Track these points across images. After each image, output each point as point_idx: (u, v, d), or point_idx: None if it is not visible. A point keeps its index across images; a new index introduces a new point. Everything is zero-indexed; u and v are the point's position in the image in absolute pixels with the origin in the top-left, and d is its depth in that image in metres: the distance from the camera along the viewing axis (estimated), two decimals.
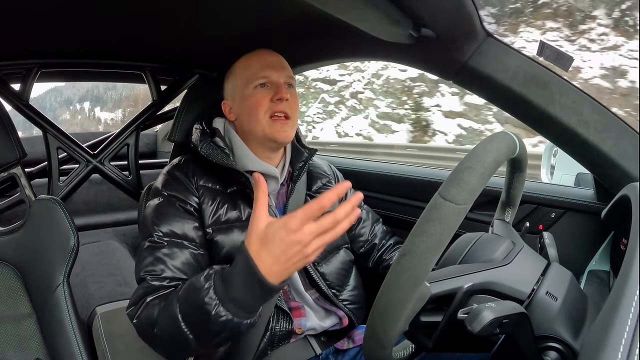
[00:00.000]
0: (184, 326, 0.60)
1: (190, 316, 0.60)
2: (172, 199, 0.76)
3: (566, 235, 0.82)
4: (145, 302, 0.67)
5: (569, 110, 0.68)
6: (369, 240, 0.93)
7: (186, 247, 0.72)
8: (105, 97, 51.24)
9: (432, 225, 0.42)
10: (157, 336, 0.64)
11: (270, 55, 0.82)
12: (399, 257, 0.44)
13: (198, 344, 0.61)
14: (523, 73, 0.69)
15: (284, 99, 0.77)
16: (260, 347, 0.75)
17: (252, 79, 0.79)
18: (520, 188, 0.65)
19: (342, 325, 0.83)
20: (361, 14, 0.62)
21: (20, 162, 0.96)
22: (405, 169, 1.21)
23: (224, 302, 0.57)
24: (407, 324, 0.48)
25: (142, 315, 0.66)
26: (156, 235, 0.72)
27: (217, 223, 0.76)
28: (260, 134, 0.79)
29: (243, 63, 0.83)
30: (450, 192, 0.42)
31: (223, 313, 0.56)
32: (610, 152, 0.67)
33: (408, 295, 0.43)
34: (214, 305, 0.57)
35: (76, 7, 0.79)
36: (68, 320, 0.81)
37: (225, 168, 0.77)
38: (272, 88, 0.79)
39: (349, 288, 0.86)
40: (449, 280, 0.49)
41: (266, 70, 0.79)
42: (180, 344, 0.62)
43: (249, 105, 0.79)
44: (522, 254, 0.54)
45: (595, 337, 0.37)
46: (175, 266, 0.70)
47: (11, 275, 0.86)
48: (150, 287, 0.68)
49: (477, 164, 0.44)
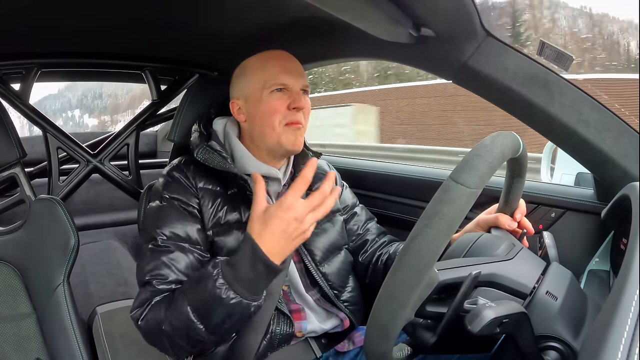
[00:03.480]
0: (194, 316, 0.63)
1: (199, 305, 0.63)
2: (174, 201, 0.75)
3: (566, 235, 0.82)
4: (150, 304, 0.68)
5: (568, 109, 0.68)
6: (361, 234, 0.92)
7: (190, 250, 0.73)
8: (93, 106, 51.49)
9: (444, 206, 0.42)
10: (166, 333, 0.65)
11: (289, 60, 0.79)
12: (409, 240, 0.44)
13: (208, 332, 0.64)
14: (523, 72, 0.69)
15: (300, 108, 0.76)
16: (260, 350, 0.75)
17: (269, 83, 0.76)
18: (518, 194, 0.65)
19: (343, 327, 0.83)
20: (361, 13, 0.62)
21: (20, 162, 0.96)
22: (405, 169, 1.20)
23: (233, 285, 0.61)
24: (414, 311, 0.48)
25: (148, 316, 0.67)
26: (160, 239, 0.72)
27: (217, 225, 0.76)
28: (273, 141, 0.77)
29: (259, 64, 0.79)
30: (462, 175, 0.43)
31: (232, 295, 0.61)
32: (610, 151, 0.67)
33: (418, 278, 0.43)
34: (224, 289, 0.61)
35: (76, 7, 0.79)
36: (68, 320, 0.81)
37: (224, 171, 0.76)
38: (289, 95, 0.77)
39: (349, 289, 0.86)
40: (456, 269, 0.50)
41: (285, 76, 0.77)
42: (189, 336, 0.65)
43: (264, 110, 0.77)
44: (523, 253, 0.55)
45: (595, 336, 0.37)
46: (180, 270, 0.71)
47: (11, 275, 0.86)
48: (157, 290, 0.69)
49: (486, 153, 0.45)
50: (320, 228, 0.85)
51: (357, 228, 0.92)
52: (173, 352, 0.69)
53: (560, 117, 0.68)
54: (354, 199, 0.97)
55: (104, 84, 43.15)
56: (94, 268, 1.49)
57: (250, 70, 0.80)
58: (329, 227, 0.87)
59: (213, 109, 0.90)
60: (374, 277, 0.88)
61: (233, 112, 0.82)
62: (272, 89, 0.76)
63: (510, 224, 0.66)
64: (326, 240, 0.85)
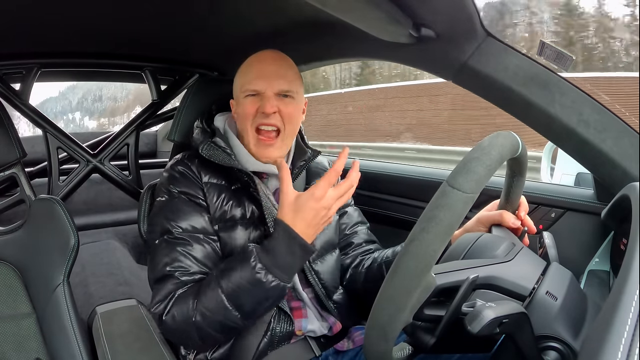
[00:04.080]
0: (229, 304, 0.65)
1: (235, 291, 0.65)
2: (182, 195, 0.76)
3: (566, 235, 0.82)
4: (174, 297, 0.69)
5: (568, 110, 0.68)
6: (347, 235, 0.91)
7: (205, 241, 0.74)
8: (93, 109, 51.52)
9: (440, 211, 0.42)
10: (197, 324, 0.66)
11: (269, 63, 0.79)
12: (407, 243, 0.44)
13: (242, 317, 0.67)
14: (523, 73, 0.69)
15: (267, 113, 0.76)
16: (260, 348, 0.75)
17: (243, 88, 0.78)
18: (519, 193, 0.65)
19: (333, 332, 0.83)
20: (361, 13, 0.62)
21: (20, 162, 0.96)
22: (405, 169, 1.21)
23: (271, 269, 0.65)
24: (412, 314, 0.48)
25: (174, 310, 0.68)
26: (175, 231, 0.73)
27: (221, 220, 0.77)
28: (248, 145, 0.79)
29: (243, 67, 0.81)
30: (458, 180, 0.43)
31: (272, 279, 0.65)
32: (610, 151, 0.67)
33: (415, 282, 0.43)
34: (263, 274, 0.64)
35: (76, 7, 0.79)
36: (68, 320, 0.81)
37: (228, 166, 0.77)
38: (260, 100, 0.77)
39: (339, 291, 0.86)
40: (453, 273, 0.50)
41: (258, 81, 0.77)
42: (223, 325, 0.67)
43: (240, 112, 0.79)
44: (523, 253, 0.55)
45: (595, 337, 0.37)
46: (200, 260, 0.73)
47: (11, 274, 0.86)
48: (180, 282, 0.70)
49: (483, 155, 0.45)
50: None
51: (344, 228, 0.92)
52: (202, 343, 0.70)
53: (561, 117, 0.68)
54: (350, 199, 0.97)
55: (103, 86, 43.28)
56: (94, 268, 1.49)
57: (238, 72, 0.82)
58: None
59: (214, 105, 0.91)
60: (351, 279, 0.88)
61: (232, 109, 0.84)
62: (246, 94, 0.78)
63: (515, 222, 0.66)
64: (322, 237, 0.84)
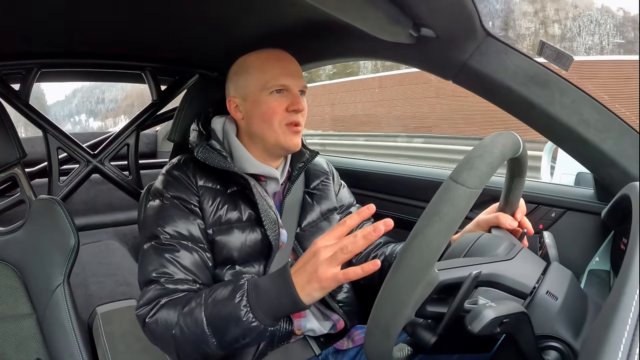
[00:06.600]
0: (208, 329, 0.62)
1: (217, 320, 0.62)
2: (175, 200, 0.75)
3: (566, 234, 0.82)
4: (159, 303, 0.67)
5: (569, 109, 0.68)
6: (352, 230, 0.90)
7: (193, 249, 0.73)
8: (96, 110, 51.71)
9: (444, 206, 0.42)
10: (175, 337, 0.64)
11: (289, 61, 0.80)
12: (409, 239, 0.44)
13: (218, 347, 0.63)
14: (523, 72, 0.69)
15: (299, 110, 0.77)
16: (260, 347, 0.75)
17: (269, 84, 0.76)
18: (518, 195, 0.65)
19: (337, 330, 0.83)
20: (361, 13, 0.62)
21: (20, 162, 0.96)
22: (405, 169, 1.21)
23: (255, 309, 0.60)
24: (415, 311, 0.48)
25: (157, 316, 0.66)
26: (163, 237, 0.72)
27: (217, 224, 0.76)
28: (272, 141, 0.78)
29: (259, 63, 0.79)
30: (462, 175, 0.43)
31: (252, 319, 0.60)
32: (611, 151, 0.67)
33: (418, 277, 0.43)
34: (244, 312, 0.60)
35: (76, 7, 0.79)
36: (68, 320, 0.81)
37: (224, 170, 0.76)
38: (288, 97, 0.77)
39: (345, 289, 0.86)
40: (456, 269, 0.50)
41: (285, 77, 0.77)
42: (199, 347, 0.64)
43: (263, 111, 0.77)
44: (523, 253, 0.55)
45: (596, 336, 0.37)
46: (187, 268, 0.71)
47: (11, 275, 0.86)
48: (165, 289, 0.69)
49: (486, 153, 0.45)
50: (317, 227, 0.85)
51: None
52: (177, 355, 0.68)
53: (561, 117, 0.68)
54: (351, 199, 0.97)
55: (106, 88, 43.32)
56: (94, 268, 1.49)
57: (249, 70, 0.79)
58: (325, 226, 0.86)
59: (211, 107, 0.89)
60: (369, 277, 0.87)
61: (230, 109, 0.82)
62: (271, 90, 0.77)
63: (512, 224, 0.66)
64: None
